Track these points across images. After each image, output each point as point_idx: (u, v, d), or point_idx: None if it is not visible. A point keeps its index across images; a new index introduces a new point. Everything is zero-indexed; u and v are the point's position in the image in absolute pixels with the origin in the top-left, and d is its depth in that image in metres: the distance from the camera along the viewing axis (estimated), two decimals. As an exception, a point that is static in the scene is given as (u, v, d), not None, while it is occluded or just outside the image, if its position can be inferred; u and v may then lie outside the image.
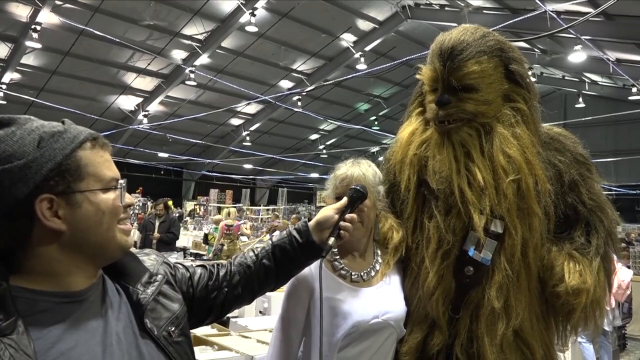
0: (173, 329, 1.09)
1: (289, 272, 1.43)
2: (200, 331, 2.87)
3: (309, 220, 1.45)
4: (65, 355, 0.90)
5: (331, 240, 1.40)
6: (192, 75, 15.20)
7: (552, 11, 9.96)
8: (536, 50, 15.25)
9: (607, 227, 1.68)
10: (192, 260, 7.40)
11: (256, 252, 1.40)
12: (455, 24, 1.78)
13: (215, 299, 1.28)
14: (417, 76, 1.73)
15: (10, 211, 0.92)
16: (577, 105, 18.39)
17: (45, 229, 0.93)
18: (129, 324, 1.03)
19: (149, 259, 1.19)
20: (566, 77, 19.00)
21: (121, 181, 1.04)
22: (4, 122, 0.95)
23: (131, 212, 1.17)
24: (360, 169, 1.69)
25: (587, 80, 18.58)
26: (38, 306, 0.92)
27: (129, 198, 1.05)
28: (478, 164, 1.57)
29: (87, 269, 1.00)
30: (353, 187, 1.53)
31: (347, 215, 1.46)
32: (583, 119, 15.13)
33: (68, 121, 1.03)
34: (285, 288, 1.70)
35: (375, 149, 23.06)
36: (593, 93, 19.19)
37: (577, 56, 12.84)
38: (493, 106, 1.61)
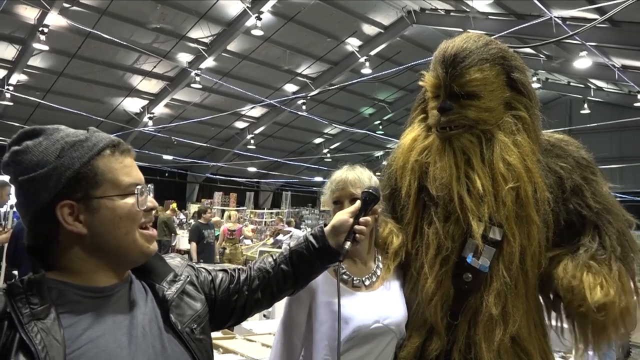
0: (195, 326, 1.14)
1: (307, 276, 1.45)
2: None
3: (325, 225, 1.46)
4: (93, 343, 0.96)
5: (347, 244, 1.39)
6: (197, 78, 15.25)
7: (557, 17, 9.96)
8: (541, 56, 15.23)
9: (617, 228, 1.62)
10: (196, 262, 7.43)
11: (274, 258, 1.43)
12: (460, 29, 1.80)
13: (236, 301, 1.32)
14: (420, 83, 1.75)
15: (36, 216, 1.02)
16: (582, 112, 18.34)
17: (68, 232, 1.01)
18: (154, 318, 1.08)
19: (174, 261, 1.25)
20: (571, 83, 18.95)
21: (142, 186, 1.07)
22: (34, 133, 1.04)
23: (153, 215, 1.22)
24: (355, 173, 1.72)
25: (592, 86, 18.53)
26: (69, 297, 1.00)
27: (151, 201, 1.09)
28: (478, 172, 1.58)
29: (111, 269, 1.06)
30: (366, 190, 1.50)
31: (362, 219, 1.45)
32: (588, 125, 15.08)
33: (93, 129, 1.09)
34: None
35: (379, 153, 23.05)
36: (598, 99, 19.13)
37: (583, 62, 12.82)
38: (494, 113, 1.62)
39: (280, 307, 3.68)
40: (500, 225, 1.57)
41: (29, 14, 12.76)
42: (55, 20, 12.40)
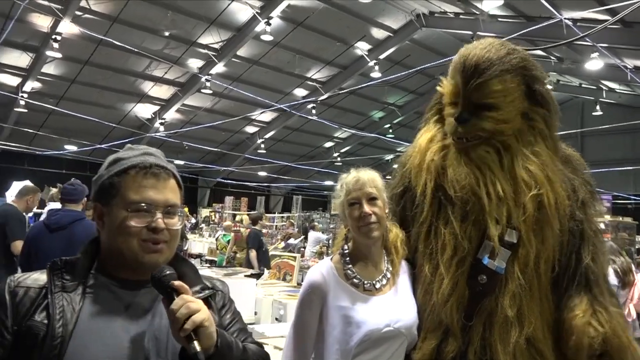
0: None
1: None
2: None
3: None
4: (98, 327, 1.12)
5: (194, 345, 1.05)
6: (208, 84, 15.36)
7: (568, 19, 9.90)
8: (552, 58, 15.14)
9: (603, 252, 1.71)
10: (208, 266, 7.44)
11: None
12: (470, 32, 1.81)
13: None
14: (438, 88, 1.75)
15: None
16: (594, 113, 18.16)
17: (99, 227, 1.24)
18: (167, 330, 1.14)
19: (216, 283, 1.35)
20: (583, 85, 18.78)
21: (149, 206, 1.18)
22: (125, 148, 1.29)
23: (162, 235, 1.16)
24: (367, 173, 1.73)
25: (604, 88, 18.36)
26: (100, 283, 1.19)
27: (158, 223, 1.18)
28: (498, 176, 1.59)
29: (125, 267, 1.20)
30: (153, 276, 1.13)
31: (175, 306, 1.08)
32: (600, 127, 14.96)
33: (139, 150, 1.27)
34: (298, 295, 1.73)
35: (389, 156, 22.99)
36: (611, 101, 18.94)
37: (594, 64, 12.71)
38: (512, 124, 1.62)
39: (292, 310, 3.67)
40: (517, 229, 1.58)
41: (42, 22, 12.94)
42: (68, 28, 12.56)
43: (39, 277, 1.17)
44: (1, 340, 1.10)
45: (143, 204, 1.18)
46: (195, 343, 1.05)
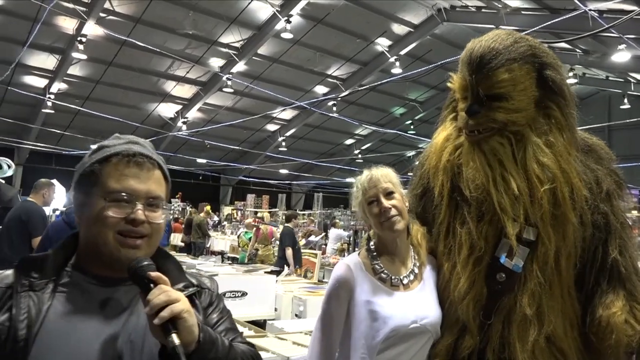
0: None
1: None
2: (237, 332, 2.92)
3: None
4: (66, 329, 1.03)
5: (173, 337, 0.98)
6: (229, 83, 15.51)
7: (593, 10, 9.67)
8: (578, 50, 14.81)
9: (631, 254, 1.66)
10: (229, 264, 7.52)
11: None
12: (492, 26, 1.79)
13: None
14: (449, 84, 1.74)
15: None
16: (622, 107, 17.75)
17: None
18: (144, 331, 1.06)
19: (203, 280, 1.26)
20: (610, 78, 18.34)
21: (128, 196, 1.09)
22: (112, 137, 1.22)
23: (142, 229, 1.09)
24: (379, 170, 1.74)
25: (632, 80, 17.89)
26: (75, 280, 1.11)
27: (138, 214, 1.09)
28: (512, 173, 1.57)
29: (101, 263, 1.11)
30: (130, 268, 1.07)
31: (152, 297, 1.02)
32: (628, 120, 14.57)
33: (125, 139, 1.20)
34: (327, 289, 1.74)
35: (411, 153, 22.85)
36: (639, 93, 18.48)
37: (621, 56, 12.42)
38: (525, 113, 1.60)
39: (312, 307, 3.69)
40: (535, 226, 1.56)
41: (67, 24, 13.23)
42: (92, 29, 12.82)
43: (7, 276, 1.08)
44: None
45: (123, 194, 1.09)
46: (174, 335, 0.97)
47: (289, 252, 8.54)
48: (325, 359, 1.69)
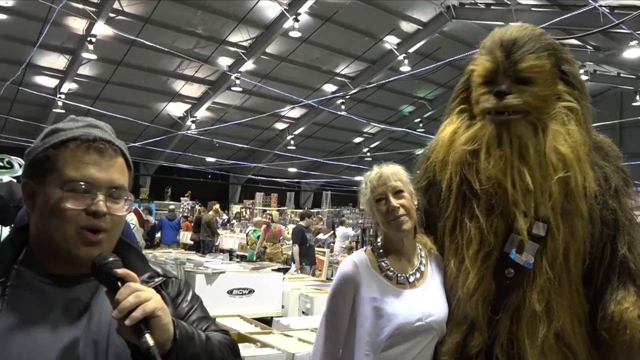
0: None
1: None
2: (244, 329, 2.96)
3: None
4: (19, 336, 0.93)
5: (146, 337, 0.91)
6: (237, 81, 15.56)
7: (604, 6, 9.57)
8: (588, 47, 14.65)
9: (639, 251, 1.65)
10: (238, 261, 7.55)
11: None
12: (502, 23, 1.80)
13: None
14: (471, 66, 1.71)
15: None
16: (634, 104, 17.53)
17: (30, 211, 1.03)
18: (108, 331, 0.99)
19: (169, 269, 1.17)
20: (621, 75, 18.11)
21: (88, 186, 0.98)
22: (68, 119, 1.10)
23: (103, 222, 1.00)
24: (389, 167, 1.72)
25: (644, 76, 17.70)
26: (26, 280, 0.99)
27: (99, 206, 0.98)
28: (530, 163, 1.56)
29: (57, 259, 1.00)
30: (94, 264, 1.00)
31: (120, 296, 0.95)
32: (640, 117, 14.41)
33: (83, 122, 1.08)
34: (332, 285, 1.74)
35: (420, 151, 22.67)
36: (651, 90, 18.25)
37: (633, 52, 12.30)
38: (548, 103, 1.62)
39: (319, 304, 3.70)
40: (545, 221, 1.55)
41: (77, 25, 13.34)
42: (102, 30, 12.92)
43: None
44: None
45: (82, 183, 0.98)
46: (147, 336, 0.89)
47: (295, 248, 8.77)
48: (330, 355, 1.69)
